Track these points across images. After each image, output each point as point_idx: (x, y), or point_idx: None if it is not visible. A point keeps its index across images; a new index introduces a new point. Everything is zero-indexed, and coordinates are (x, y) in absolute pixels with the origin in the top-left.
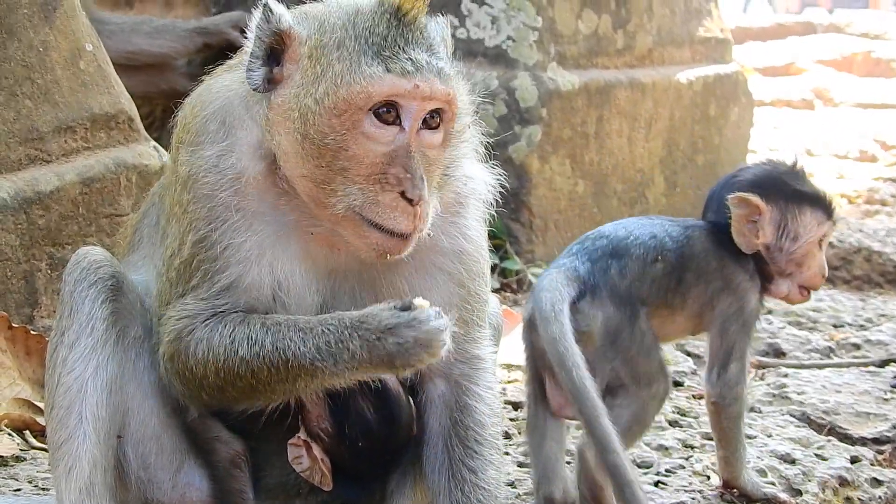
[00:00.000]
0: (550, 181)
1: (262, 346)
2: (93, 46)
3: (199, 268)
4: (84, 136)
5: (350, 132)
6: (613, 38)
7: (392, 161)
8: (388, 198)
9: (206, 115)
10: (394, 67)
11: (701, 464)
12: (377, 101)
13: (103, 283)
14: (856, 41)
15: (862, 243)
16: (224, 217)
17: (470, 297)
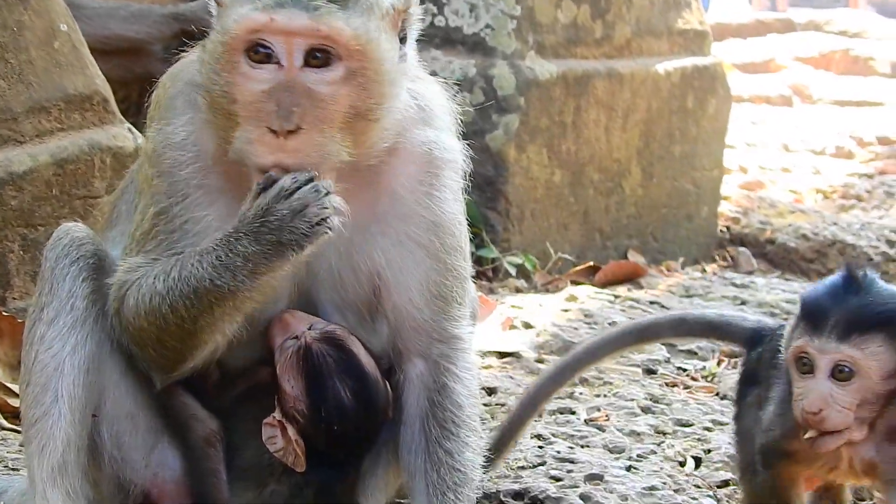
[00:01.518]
0: (527, 170)
1: (173, 279)
2: (67, 27)
3: (156, 237)
4: (58, 116)
5: (231, 74)
6: (592, 28)
7: (269, 98)
8: (256, 134)
9: (174, 92)
10: (256, 3)
11: (672, 449)
12: (243, 41)
13: (85, 260)
14: (835, 39)
15: (837, 237)
16: (185, 192)
17: (448, 273)
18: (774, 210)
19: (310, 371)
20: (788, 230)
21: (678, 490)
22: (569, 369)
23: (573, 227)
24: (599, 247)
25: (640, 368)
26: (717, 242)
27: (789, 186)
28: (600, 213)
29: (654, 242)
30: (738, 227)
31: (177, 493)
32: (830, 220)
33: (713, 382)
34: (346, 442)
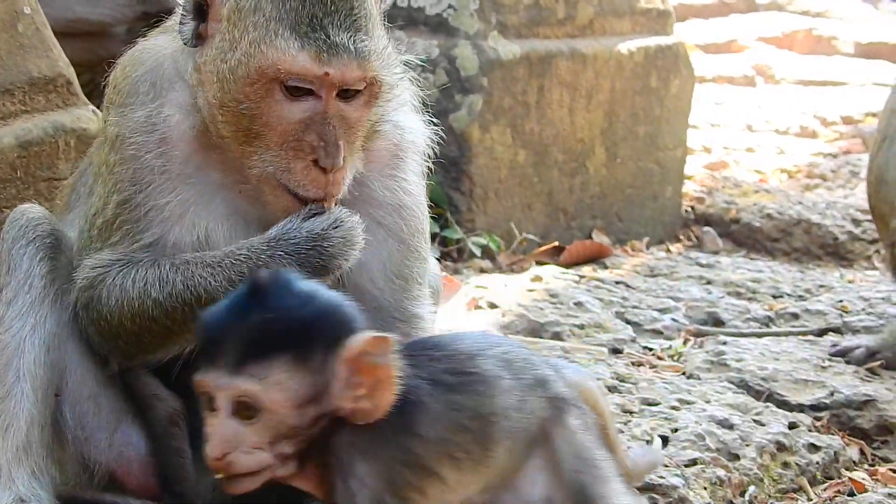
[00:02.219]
0: (491, 150)
1: (172, 286)
2: (31, 9)
3: (121, 227)
4: (22, 99)
5: (264, 100)
6: (555, 8)
7: (307, 128)
8: (300, 165)
9: (136, 76)
10: (308, 46)
11: (640, 428)
12: (287, 78)
13: (41, 240)
14: (797, 19)
15: (802, 216)
16: (149, 180)
17: (409, 253)
18: (739, 190)
19: None
20: (753, 209)
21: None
22: None
23: (537, 208)
24: (564, 227)
25: (605, 348)
26: (681, 222)
27: (753, 166)
28: (564, 194)
29: (619, 223)
30: (703, 206)
31: (142, 472)
32: (795, 200)
33: (679, 361)
34: None
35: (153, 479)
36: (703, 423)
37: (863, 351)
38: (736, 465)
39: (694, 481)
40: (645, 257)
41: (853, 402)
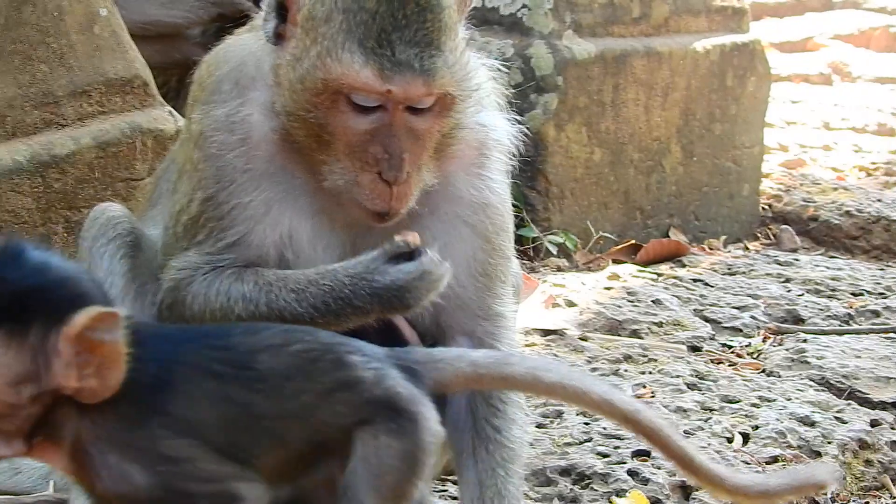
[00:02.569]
0: (567, 149)
1: (256, 306)
2: (107, 11)
3: (205, 225)
4: (99, 100)
5: (330, 111)
6: (629, 6)
7: (373, 140)
8: (367, 178)
9: (220, 74)
10: (372, 62)
11: (720, 425)
12: (350, 89)
13: (122, 238)
14: (874, 16)
15: (881, 213)
16: (232, 177)
17: (494, 252)
18: (817, 187)
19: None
20: (831, 207)
21: (727, 466)
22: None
23: (614, 206)
24: (640, 225)
25: (684, 345)
26: (759, 220)
27: (831, 164)
28: (641, 192)
29: (696, 221)
30: (781, 204)
31: None
32: (874, 197)
33: (759, 359)
34: None
35: None
36: (784, 421)
37: None
38: (818, 461)
39: None
40: (722, 255)
41: None
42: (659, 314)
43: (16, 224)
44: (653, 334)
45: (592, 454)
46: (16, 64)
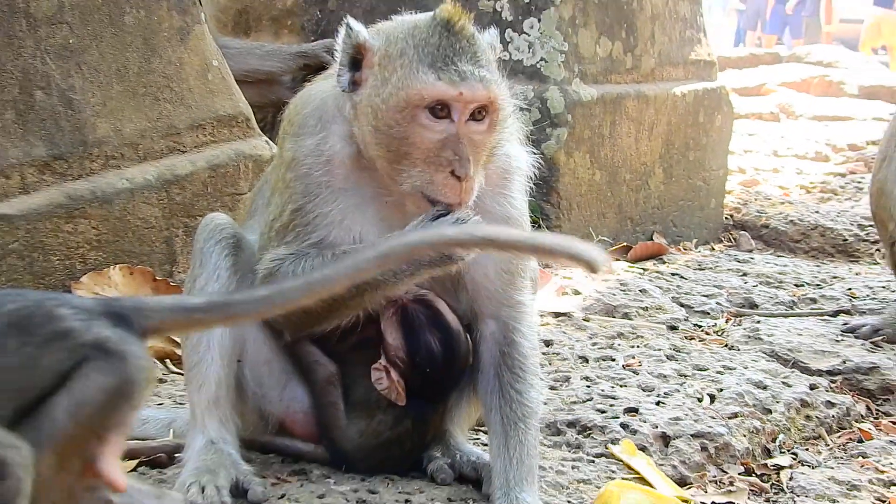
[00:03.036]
0: (574, 171)
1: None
2: (217, 62)
3: (294, 229)
4: (212, 132)
5: (410, 124)
6: (624, 59)
7: (444, 146)
8: (440, 176)
9: (306, 112)
10: (443, 76)
11: (692, 388)
12: (429, 102)
13: (226, 241)
14: (812, 68)
15: (818, 222)
16: (316, 192)
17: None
18: (768, 202)
19: (407, 326)
20: (779, 217)
21: (697, 420)
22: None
23: (610, 216)
24: (630, 231)
25: (664, 326)
26: (723, 227)
27: (779, 183)
28: (631, 205)
29: (674, 227)
30: (740, 215)
31: (306, 422)
32: (812, 209)
33: (722, 336)
34: (436, 382)
35: (315, 427)
36: (742, 385)
37: (868, 328)
38: (769, 417)
39: (736, 430)
40: (694, 255)
41: (861, 369)
42: (645, 301)
43: (146, 228)
44: (640, 316)
45: (593, 410)
46: (146, 103)
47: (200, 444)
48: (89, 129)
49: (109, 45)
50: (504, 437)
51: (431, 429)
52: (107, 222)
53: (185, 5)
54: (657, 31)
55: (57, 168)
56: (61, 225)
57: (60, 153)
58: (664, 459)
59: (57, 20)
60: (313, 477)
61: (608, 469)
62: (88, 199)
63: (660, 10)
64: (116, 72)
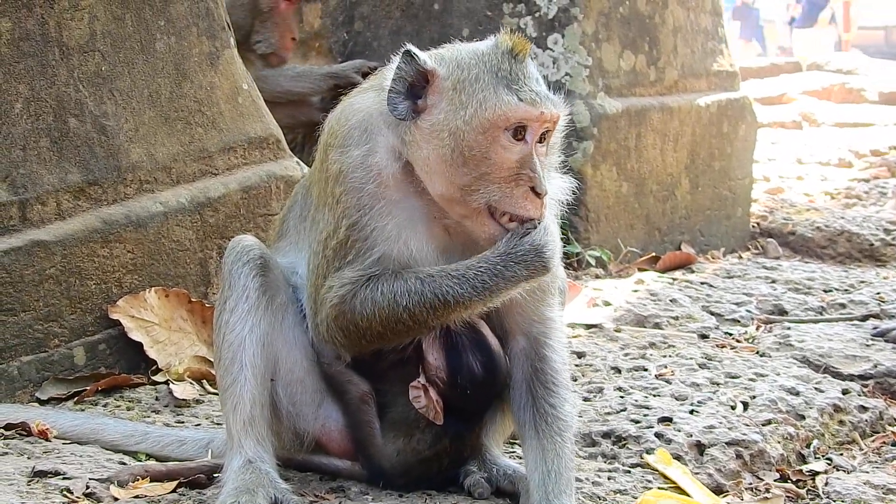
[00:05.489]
0: (601, 184)
1: (422, 295)
2: (247, 85)
3: (353, 246)
4: (243, 154)
5: (492, 145)
6: (647, 72)
7: (522, 165)
8: (520, 192)
9: (351, 124)
10: (524, 97)
11: (725, 396)
12: (512, 123)
13: (254, 262)
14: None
15: (844, 227)
16: (371, 205)
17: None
18: (794, 209)
19: (450, 346)
20: (805, 224)
21: (731, 428)
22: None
23: (638, 227)
24: (659, 241)
25: (695, 334)
26: (750, 235)
27: (803, 190)
28: (658, 216)
29: (701, 237)
30: (766, 222)
31: (341, 439)
32: (838, 215)
33: (753, 344)
34: (475, 401)
35: (351, 445)
36: (775, 391)
37: None
38: (802, 423)
39: (770, 437)
40: (722, 263)
41: (892, 372)
42: (675, 310)
43: (180, 251)
44: (671, 326)
45: (627, 421)
46: (178, 128)
47: (238, 464)
48: (123, 154)
49: (141, 72)
50: (541, 451)
51: (468, 446)
52: (142, 246)
53: (214, 30)
54: (679, 44)
55: (92, 193)
56: (97, 249)
57: (95, 179)
58: (699, 468)
59: (89, 48)
60: (351, 494)
61: (644, 479)
62: (123, 224)
63: (681, 22)
64: (148, 97)
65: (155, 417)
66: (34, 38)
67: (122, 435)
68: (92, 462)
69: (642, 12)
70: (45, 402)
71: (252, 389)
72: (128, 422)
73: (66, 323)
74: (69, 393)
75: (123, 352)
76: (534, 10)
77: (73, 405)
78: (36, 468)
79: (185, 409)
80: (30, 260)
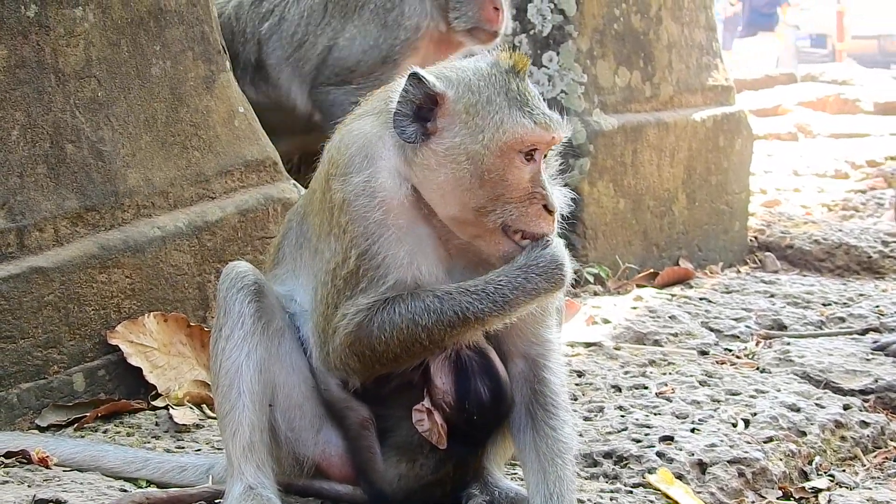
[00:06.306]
0: (598, 200)
1: (441, 313)
2: (244, 109)
3: (365, 275)
4: (240, 177)
5: (508, 167)
6: (643, 88)
7: (533, 184)
8: (534, 210)
9: (351, 152)
10: (538, 121)
11: (726, 413)
12: (527, 146)
13: (248, 288)
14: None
15: (842, 240)
16: (379, 233)
17: None
18: (791, 222)
19: (459, 372)
20: (803, 237)
21: (733, 446)
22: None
23: (635, 243)
24: (656, 257)
25: (695, 351)
26: (747, 249)
27: (800, 202)
28: (656, 231)
29: (699, 252)
30: (764, 236)
31: (342, 464)
32: (836, 228)
33: (753, 360)
34: (480, 426)
35: (352, 469)
36: (776, 408)
37: None
38: (804, 440)
39: (772, 454)
40: (721, 278)
41: (893, 387)
42: (674, 327)
43: (178, 275)
44: (670, 343)
45: (628, 440)
46: (175, 152)
47: (239, 491)
48: (120, 179)
49: (137, 97)
50: (542, 474)
51: (471, 470)
52: (140, 271)
53: (210, 54)
54: (674, 59)
55: (89, 219)
56: (95, 275)
57: (92, 204)
58: (702, 487)
59: (85, 74)
60: None
61: (646, 499)
62: (121, 249)
63: (676, 38)
64: (145, 122)
65: (155, 443)
66: (30, 65)
67: (123, 462)
68: (93, 489)
69: (637, 29)
70: (45, 429)
71: (251, 415)
72: (128, 448)
73: (66, 349)
74: (69, 419)
75: (123, 377)
76: (528, 28)
77: (73, 432)
78: (37, 497)
79: (185, 434)
80: (28, 287)
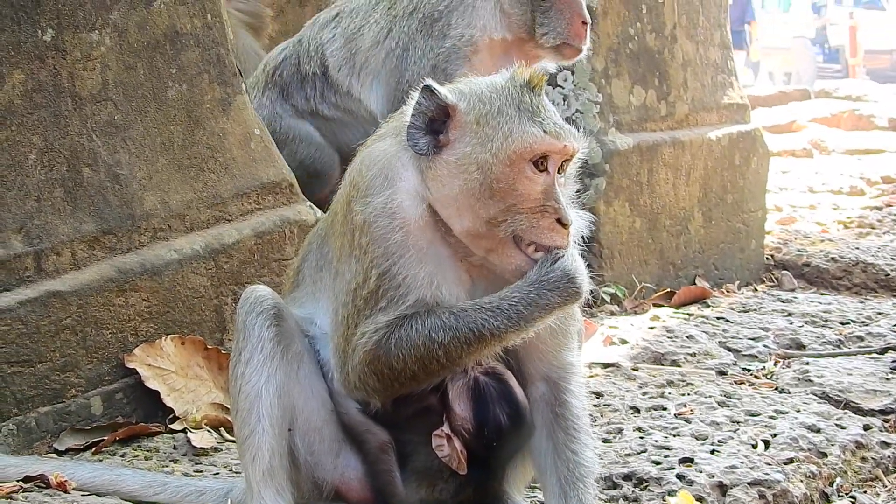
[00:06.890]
0: (614, 220)
1: (456, 330)
2: (259, 131)
3: (385, 295)
4: (256, 199)
5: (518, 177)
6: (658, 107)
7: (546, 196)
8: (546, 222)
9: (372, 174)
10: (549, 130)
11: (746, 435)
12: (537, 155)
13: (267, 312)
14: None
15: (859, 258)
16: (400, 253)
17: (565, 315)
18: (807, 240)
19: (477, 398)
20: (820, 255)
21: (753, 467)
22: None
23: (652, 262)
24: (673, 276)
25: (713, 371)
26: (764, 268)
27: (816, 220)
28: (672, 250)
29: (716, 270)
30: (780, 254)
31: (361, 488)
32: (852, 245)
33: (772, 379)
34: (500, 451)
35: (371, 493)
36: (796, 429)
37: None
38: (824, 461)
39: (792, 475)
40: (737, 297)
41: None
42: (692, 346)
43: (195, 298)
44: (688, 363)
45: (648, 462)
46: (191, 174)
47: None
48: (137, 202)
49: (153, 120)
50: (563, 498)
51: (491, 495)
52: (157, 294)
53: (226, 77)
54: (689, 78)
55: (106, 243)
56: (112, 298)
57: (109, 228)
58: None
59: (101, 98)
60: None
61: None
62: (138, 272)
63: (691, 56)
64: (161, 145)
65: (173, 467)
66: (47, 90)
67: (141, 486)
68: None
69: (651, 47)
70: (63, 453)
71: (270, 440)
72: (146, 472)
73: (83, 373)
74: (87, 443)
75: (140, 401)
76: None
77: (92, 455)
78: None
79: (203, 457)
80: (45, 310)
